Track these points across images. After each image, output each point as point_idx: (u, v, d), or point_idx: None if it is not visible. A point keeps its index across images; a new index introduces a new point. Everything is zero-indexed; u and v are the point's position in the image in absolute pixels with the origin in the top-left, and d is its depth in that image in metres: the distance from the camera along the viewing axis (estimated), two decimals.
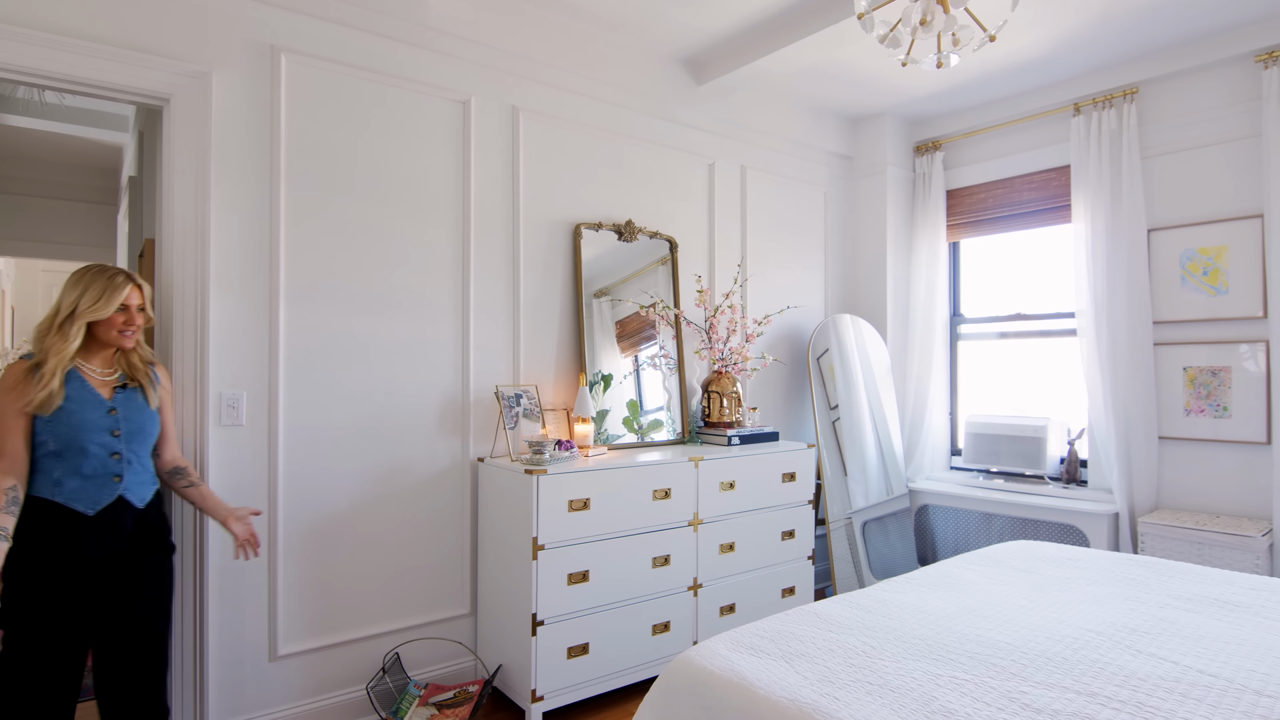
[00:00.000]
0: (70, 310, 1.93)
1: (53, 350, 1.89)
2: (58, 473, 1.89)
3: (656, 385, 3.53)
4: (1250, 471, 3.18)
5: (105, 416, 1.95)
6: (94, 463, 1.92)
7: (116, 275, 1.99)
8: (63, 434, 1.88)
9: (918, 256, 4.32)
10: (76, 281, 1.96)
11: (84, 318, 1.93)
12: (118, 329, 1.98)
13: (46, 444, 1.89)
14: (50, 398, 1.86)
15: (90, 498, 1.91)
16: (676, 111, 3.63)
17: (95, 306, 1.93)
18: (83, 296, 1.93)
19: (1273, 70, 3.05)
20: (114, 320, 1.97)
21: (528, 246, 3.17)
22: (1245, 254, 3.20)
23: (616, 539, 2.83)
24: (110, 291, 1.95)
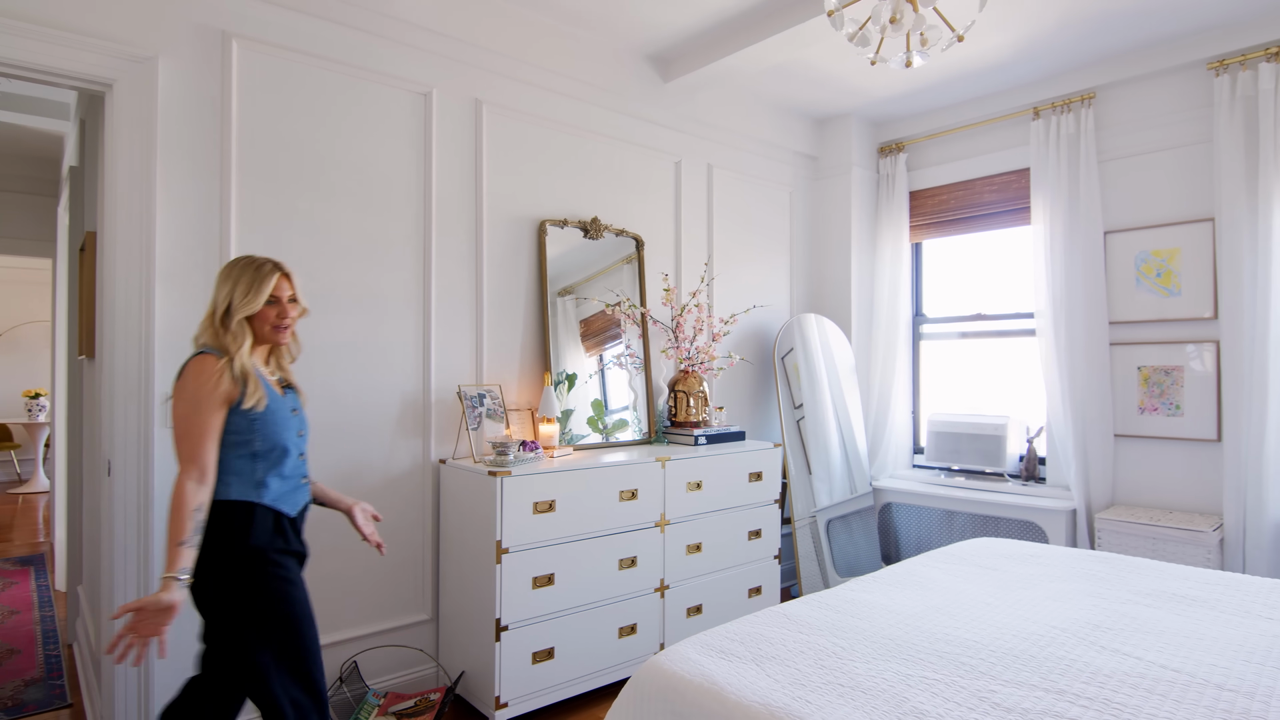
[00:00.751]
0: (226, 305, 1.82)
1: (233, 347, 1.79)
2: (260, 474, 1.80)
3: (622, 385, 3.49)
4: (1201, 468, 3.27)
5: (292, 417, 1.90)
6: (291, 464, 1.86)
7: (264, 265, 1.87)
8: (270, 434, 1.81)
9: (881, 257, 4.35)
10: (226, 275, 1.86)
11: (240, 313, 1.81)
12: (271, 324, 1.87)
13: (251, 444, 1.78)
14: (263, 394, 1.78)
15: (291, 499, 1.87)
16: (643, 109, 3.60)
17: (247, 300, 1.82)
18: (234, 290, 1.83)
19: (1224, 78, 3.13)
20: (266, 314, 1.86)
21: (491, 243, 3.10)
22: (1196, 256, 3.29)
23: (582, 541, 2.79)
24: (258, 283, 1.84)
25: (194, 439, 1.70)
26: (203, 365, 1.74)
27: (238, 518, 1.76)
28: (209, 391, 1.72)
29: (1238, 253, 3.08)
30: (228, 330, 1.80)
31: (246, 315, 1.82)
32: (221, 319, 1.81)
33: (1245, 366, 3.06)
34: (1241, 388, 3.07)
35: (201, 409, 1.71)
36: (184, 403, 1.72)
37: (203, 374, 1.73)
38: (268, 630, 1.74)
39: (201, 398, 1.71)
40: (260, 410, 1.78)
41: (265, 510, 1.79)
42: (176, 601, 1.61)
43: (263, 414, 1.79)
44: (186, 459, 1.69)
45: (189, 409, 1.71)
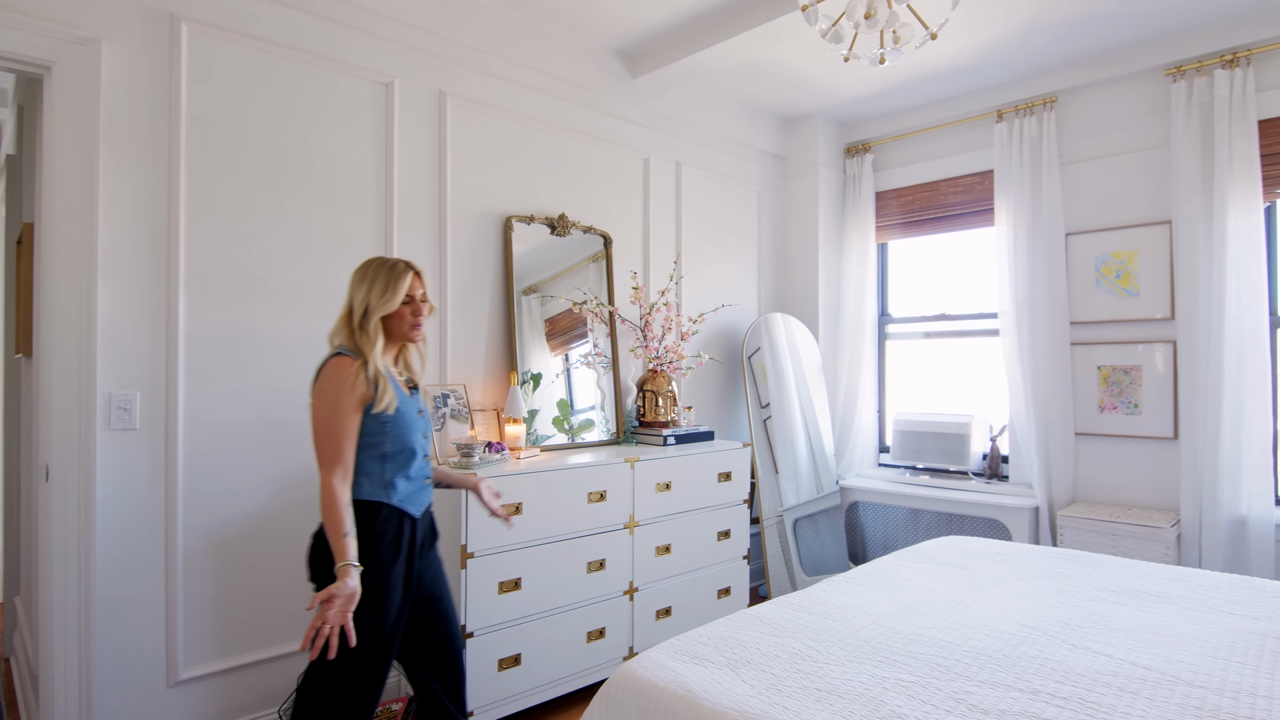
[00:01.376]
0: (364, 307, 1.86)
1: (366, 347, 1.83)
2: (389, 474, 1.85)
3: (589, 384, 3.44)
4: (1159, 465, 3.34)
5: (418, 418, 1.95)
6: (417, 465, 1.91)
7: (397, 265, 1.92)
8: (400, 435, 1.85)
9: (848, 257, 4.37)
10: (362, 277, 1.90)
11: (377, 313, 1.86)
12: (408, 323, 1.92)
13: (381, 445, 1.83)
14: (394, 397, 1.82)
15: (416, 500, 1.91)
16: (611, 104, 3.55)
17: (384, 300, 1.86)
18: (371, 291, 1.87)
19: (1180, 84, 3.20)
20: (402, 314, 1.91)
21: (455, 239, 3.02)
22: (1154, 258, 3.36)
23: (550, 544, 2.73)
24: (394, 282, 1.88)
25: (335, 439, 1.75)
26: (341, 366, 1.79)
27: (367, 516, 1.80)
28: (347, 392, 1.77)
29: (1194, 255, 3.15)
30: (364, 331, 1.84)
31: (383, 315, 1.86)
32: (360, 320, 1.85)
33: (1201, 366, 3.13)
34: (1197, 387, 3.14)
35: (341, 409, 1.76)
36: (324, 404, 1.77)
37: (341, 375, 1.78)
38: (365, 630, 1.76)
39: (341, 398, 1.76)
40: (391, 413, 1.82)
41: (392, 510, 1.84)
42: (358, 587, 1.68)
43: (393, 417, 1.83)
44: (330, 459, 1.75)
45: (329, 410, 1.76)
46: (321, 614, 1.63)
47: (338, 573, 1.68)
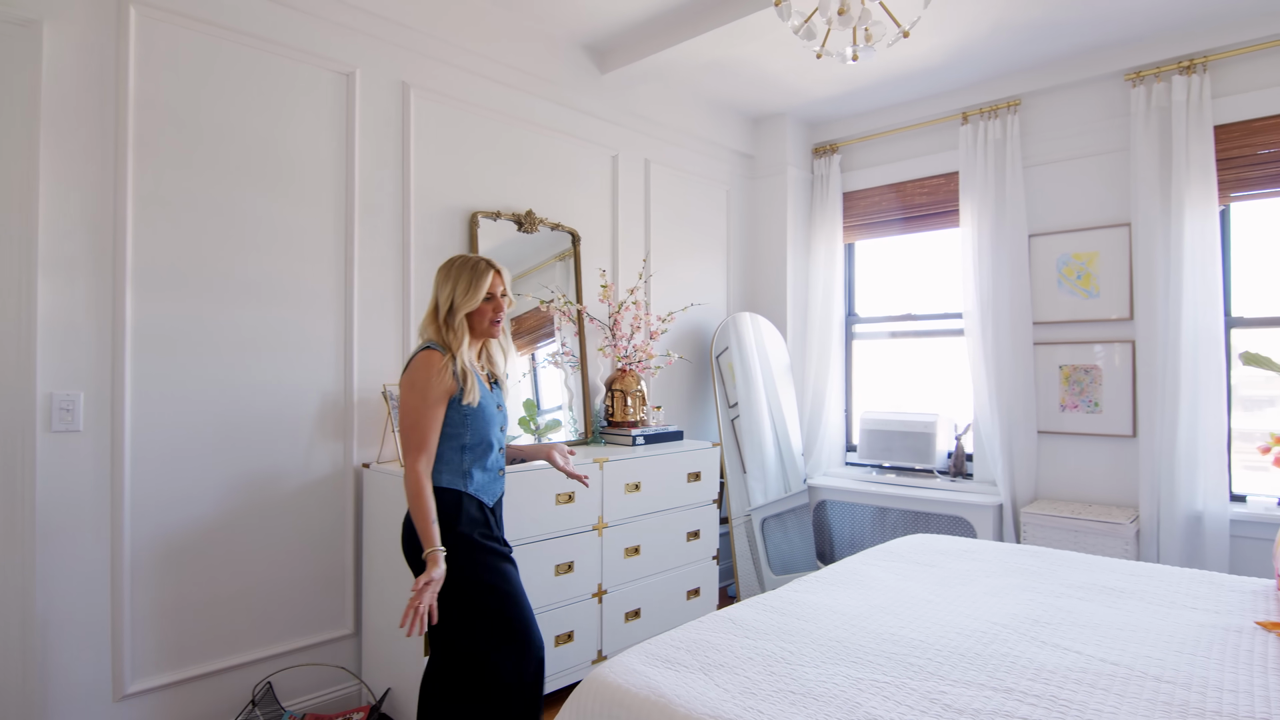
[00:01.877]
0: (449, 304, 1.95)
1: (454, 343, 1.93)
2: (467, 464, 1.95)
3: (556, 384, 3.38)
4: (1119, 463, 3.40)
5: (497, 412, 2.04)
6: (493, 457, 2.01)
7: (479, 263, 2.00)
8: (479, 428, 1.95)
9: (816, 257, 4.38)
10: (446, 275, 1.99)
11: (461, 310, 1.95)
12: (489, 319, 2.00)
13: (462, 436, 1.94)
14: (478, 391, 1.92)
15: (490, 490, 2.01)
16: (580, 100, 3.50)
17: (467, 298, 1.95)
18: (455, 288, 1.96)
19: (1140, 89, 3.27)
20: (484, 310, 1.99)
21: (420, 234, 2.95)
22: (1114, 260, 3.42)
23: (518, 546, 2.66)
24: (476, 280, 1.96)
25: (421, 429, 1.86)
26: (430, 360, 1.89)
27: (448, 504, 1.91)
28: (435, 385, 1.87)
29: (1152, 257, 3.22)
30: (450, 328, 1.94)
31: (467, 312, 1.95)
32: (445, 316, 1.95)
33: (1159, 366, 3.19)
34: (1155, 386, 3.20)
35: (429, 400, 1.86)
36: (413, 394, 1.88)
37: (430, 368, 1.88)
38: (481, 602, 1.89)
39: (428, 390, 1.87)
40: (474, 406, 1.92)
41: (470, 498, 1.94)
42: (444, 570, 1.80)
43: (475, 410, 1.94)
44: (416, 446, 1.86)
45: (418, 400, 1.87)
46: (418, 596, 1.75)
47: (426, 559, 1.80)
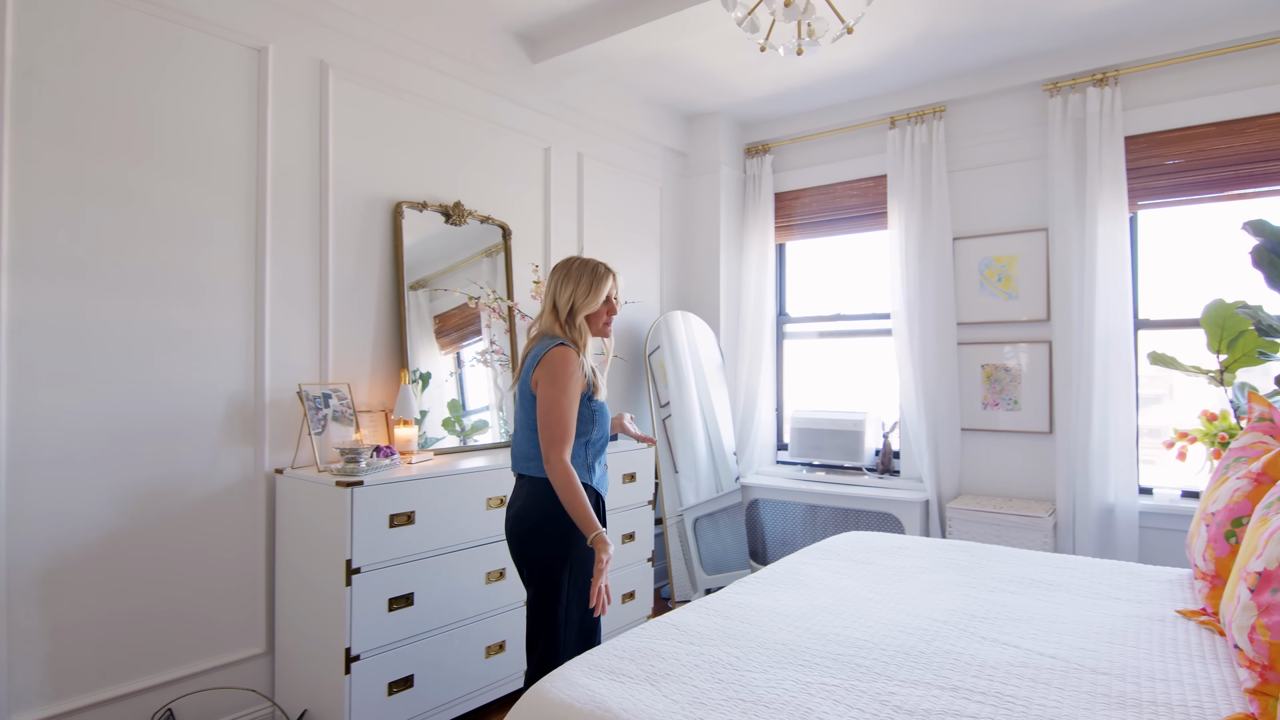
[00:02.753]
0: (570, 305, 2.03)
1: (580, 342, 2.02)
2: (590, 458, 2.07)
3: (483, 384, 3.24)
4: (1037, 458, 3.53)
5: (607, 408, 2.13)
6: (605, 452, 2.14)
7: (599, 267, 2.09)
8: (602, 424, 2.06)
9: (749, 256, 4.39)
10: (565, 275, 2.07)
11: (583, 311, 2.03)
12: (603, 321, 2.10)
13: (589, 431, 2.04)
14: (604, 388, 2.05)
15: (604, 482, 2.14)
16: (511, 89, 3.38)
17: (589, 300, 2.03)
18: (576, 290, 2.04)
19: (1057, 99, 3.40)
20: (600, 313, 2.09)
21: (340, 224, 2.77)
22: (1033, 263, 3.55)
23: (445, 554, 2.53)
24: (597, 284, 2.05)
25: (565, 422, 1.93)
26: (569, 357, 1.96)
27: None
28: (575, 380, 1.96)
29: (1068, 261, 3.35)
30: (574, 327, 2.03)
31: (587, 314, 2.04)
32: (567, 317, 2.03)
33: (1074, 365, 3.33)
34: (1070, 385, 3.34)
35: (570, 393, 1.94)
36: (555, 388, 1.93)
37: (570, 364, 1.95)
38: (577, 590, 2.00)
39: (570, 384, 1.94)
40: (601, 402, 2.05)
41: (592, 491, 2.06)
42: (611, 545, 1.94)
43: (600, 406, 2.05)
44: (561, 439, 1.92)
45: (560, 393, 1.92)
46: (600, 576, 1.88)
47: (595, 543, 1.91)
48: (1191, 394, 3.37)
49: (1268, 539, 1.46)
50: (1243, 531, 1.85)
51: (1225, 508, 1.91)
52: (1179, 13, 3.03)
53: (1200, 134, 3.16)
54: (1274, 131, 3.01)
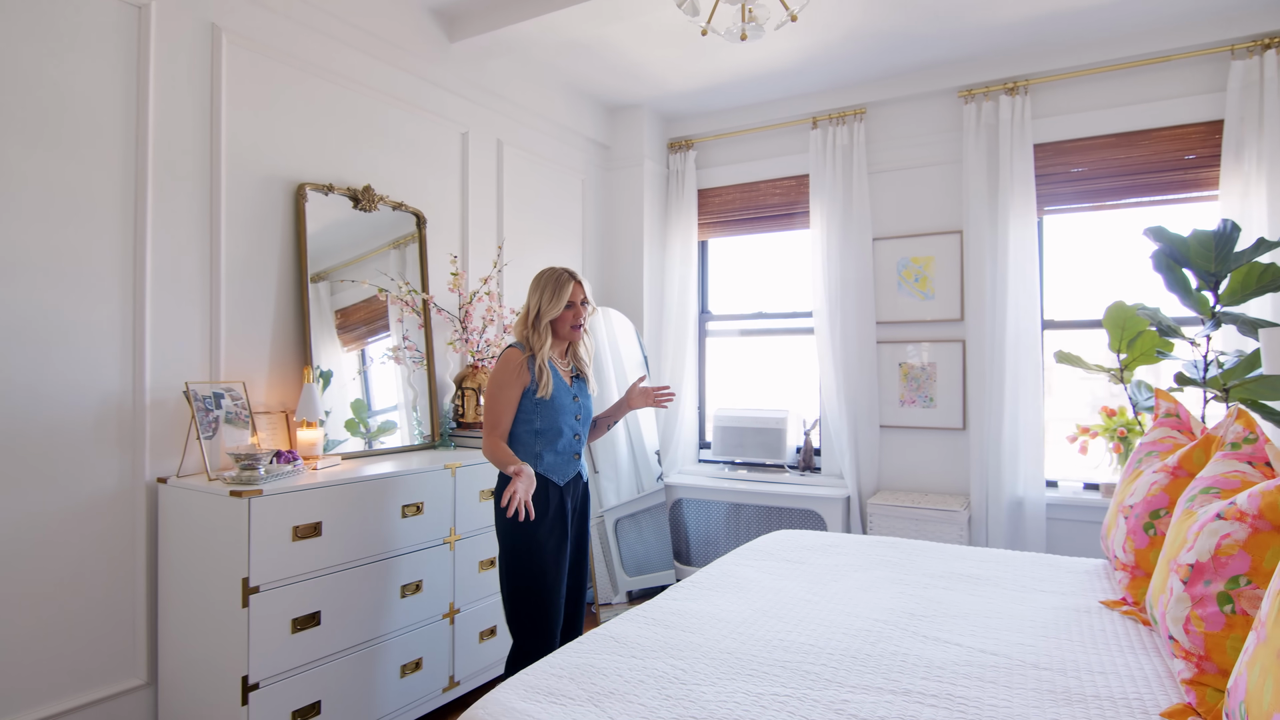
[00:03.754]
0: (536, 311, 2.27)
1: (537, 345, 2.25)
2: (538, 448, 2.27)
3: (391, 382, 3.02)
4: (951, 454, 3.63)
5: (572, 403, 2.32)
6: (564, 442, 2.30)
7: (561, 274, 2.30)
8: (549, 416, 2.26)
9: (672, 252, 4.33)
10: (536, 284, 2.30)
11: (546, 317, 2.25)
12: (570, 324, 2.30)
13: (534, 422, 2.25)
14: (551, 386, 2.23)
15: (560, 471, 2.29)
16: (427, 69, 3.17)
17: (551, 306, 2.25)
18: (541, 297, 2.27)
19: (971, 105, 3.50)
20: (565, 317, 2.29)
21: (234, 205, 2.50)
22: (947, 265, 3.65)
23: (356, 568, 2.33)
24: (559, 290, 2.26)
25: (495, 413, 2.22)
26: (509, 356, 2.25)
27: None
28: (509, 377, 2.23)
29: (981, 262, 3.46)
30: (536, 331, 2.27)
31: (550, 319, 2.26)
32: (533, 321, 2.28)
33: (986, 364, 3.44)
34: (983, 382, 3.45)
35: (504, 389, 2.22)
36: (492, 384, 2.25)
37: (508, 363, 2.24)
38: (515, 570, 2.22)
39: (505, 381, 2.23)
40: (546, 398, 2.24)
41: (539, 477, 2.25)
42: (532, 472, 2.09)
43: (548, 401, 2.25)
44: (491, 427, 2.23)
45: (495, 389, 2.23)
46: (513, 485, 2.01)
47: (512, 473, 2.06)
48: (1084, 391, 3.55)
49: (1197, 532, 1.50)
50: (1161, 523, 1.91)
51: (1143, 500, 1.98)
52: (1084, 27, 3.17)
53: (1101, 144, 3.32)
54: (1165, 144, 3.21)
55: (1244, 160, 2.96)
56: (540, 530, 2.23)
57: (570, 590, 2.40)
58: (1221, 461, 1.72)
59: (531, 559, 2.21)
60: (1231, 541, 1.41)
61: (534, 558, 2.21)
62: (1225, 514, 1.45)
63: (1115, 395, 3.39)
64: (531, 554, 2.21)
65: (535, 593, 2.21)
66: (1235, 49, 3.01)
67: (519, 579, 2.22)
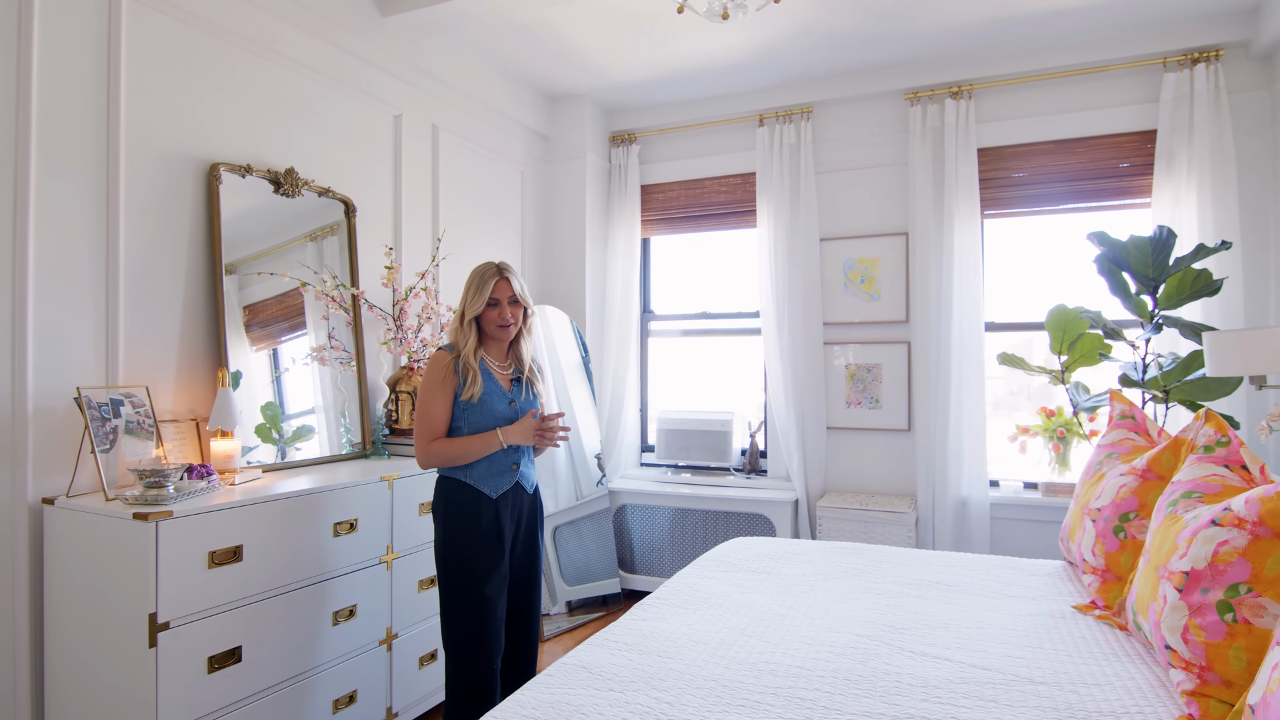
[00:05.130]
0: (461, 309, 2.16)
1: (460, 345, 2.14)
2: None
3: (308, 384, 2.73)
4: (897, 455, 3.64)
5: (507, 408, 2.18)
6: (497, 451, 2.14)
7: (487, 269, 2.17)
8: (477, 422, 2.13)
9: (614, 249, 4.18)
10: (467, 282, 2.18)
11: (469, 314, 2.14)
12: (495, 323, 2.15)
13: (461, 430, 2.13)
14: (479, 389, 2.11)
15: (493, 482, 2.14)
16: (357, 44, 2.91)
17: (474, 301, 2.13)
18: (466, 295, 2.16)
19: (917, 108, 3.52)
20: (489, 315, 2.15)
21: (135, 186, 2.20)
22: (893, 266, 3.66)
23: (283, 595, 2.08)
24: (481, 287, 2.13)
25: (426, 418, 2.11)
26: (435, 359, 2.14)
27: (445, 491, 2.13)
28: (435, 380, 2.11)
29: (926, 264, 3.48)
30: (461, 330, 2.14)
31: (474, 316, 2.13)
32: (459, 319, 2.15)
33: (932, 365, 3.46)
34: (928, 383, 3.47)
35: (431, 392, 2.11)
36: (421, 388, 2.15)
37: (434, 365, 2.13)
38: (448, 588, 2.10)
39: (431, 385, 2.11)
40: (473, 402, 2.10)
41: (467, 488, 2.11)
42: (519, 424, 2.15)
43: (474, 405, 2.11)
44: (422, 433, 2.11)
45: (423, 392, 2.13)
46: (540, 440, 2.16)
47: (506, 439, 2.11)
48: (1021, 393, 3.63)
49: (1190, 538, 1.48)
50: (1131, 526, 1.91)
51: (1111, 504, 1.98)
52: (1026, 35, 3.23)
53: (1042, 150, 3.40)
54: (1102, 152, 3.30)
55: (1175, 169, 3.08)
56: (470, 546, 2.09)
57: (519, 612, 2.25)
58: (1197, 465, 1.72)
59: (463, 576, 2.09)
60: (1230, 548, 1.39)
61: (465, 575, 2.09)
62: (1221, 520, 1.42)
63: (1052, 396, 3.48)
64: (463, 570, 2.09)
65: (467, 609, 2.08)
66: (1167, 62, 3.12)
67: (451, 597, 2.10)
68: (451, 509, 2.11)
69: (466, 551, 2.09)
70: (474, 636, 2.07)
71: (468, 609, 2.08)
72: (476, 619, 2.08)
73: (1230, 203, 2.97)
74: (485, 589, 2.08)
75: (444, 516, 2.12)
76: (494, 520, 2.13)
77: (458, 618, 2.08)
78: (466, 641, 2.08)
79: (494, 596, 2.10)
